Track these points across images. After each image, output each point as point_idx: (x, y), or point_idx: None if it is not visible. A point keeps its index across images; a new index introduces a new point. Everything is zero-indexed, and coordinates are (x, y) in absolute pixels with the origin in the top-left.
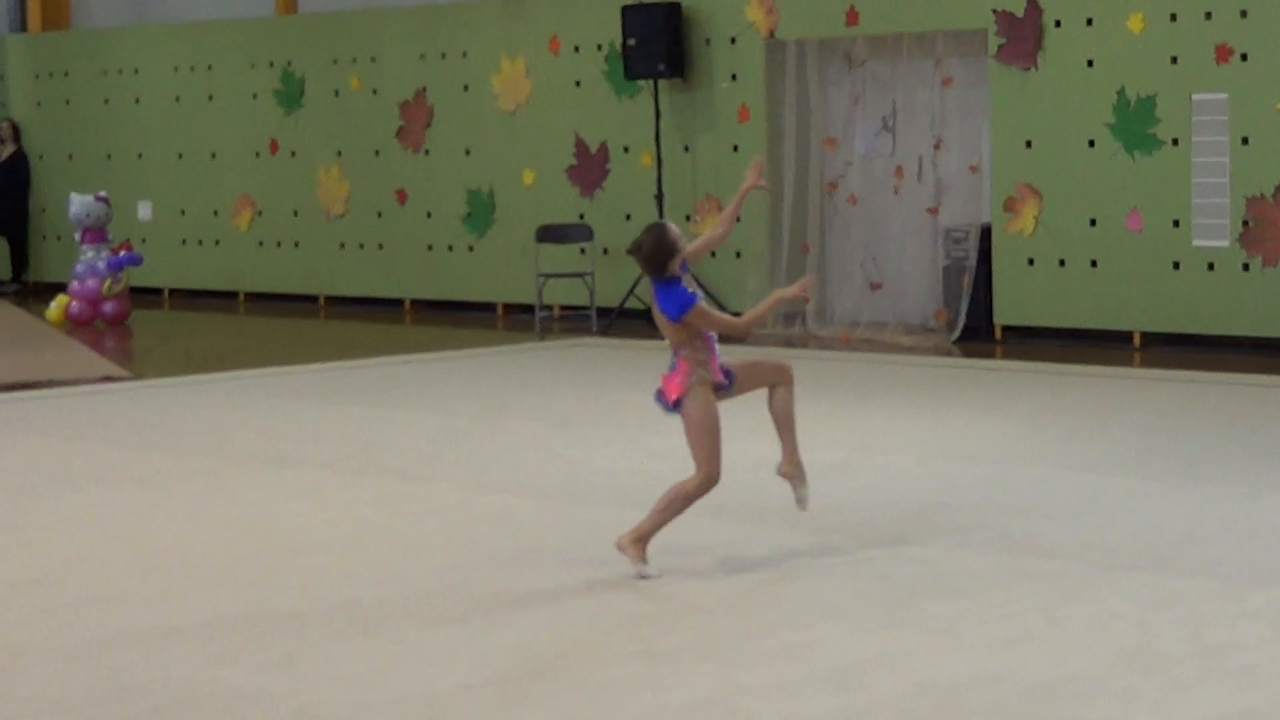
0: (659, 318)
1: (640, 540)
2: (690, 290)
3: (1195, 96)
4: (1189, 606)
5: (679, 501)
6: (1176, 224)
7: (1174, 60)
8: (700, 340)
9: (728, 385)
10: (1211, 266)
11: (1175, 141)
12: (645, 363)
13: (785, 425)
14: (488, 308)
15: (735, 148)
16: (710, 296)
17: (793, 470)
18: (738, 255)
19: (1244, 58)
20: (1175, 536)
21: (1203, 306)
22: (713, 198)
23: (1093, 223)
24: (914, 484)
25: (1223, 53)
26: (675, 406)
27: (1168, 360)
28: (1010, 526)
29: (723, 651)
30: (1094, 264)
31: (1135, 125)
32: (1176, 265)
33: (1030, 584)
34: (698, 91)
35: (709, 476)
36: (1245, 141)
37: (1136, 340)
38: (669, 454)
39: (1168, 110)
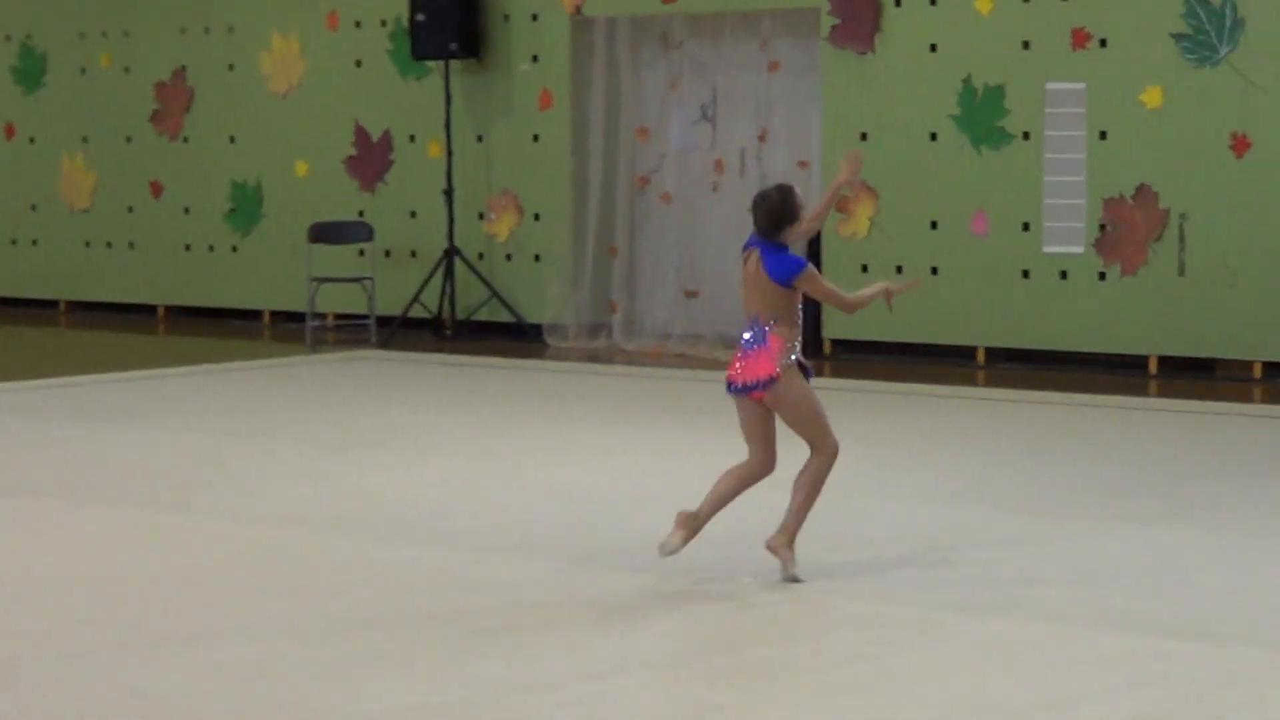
0: (760, 283)
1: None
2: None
3: (1049, 86)
4: (1031, 653)
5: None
6: (1026, 228)
7: (1026, 45)
8: (796, 318)
9: (811, 372)
10: (1064, 275)
11: (1026, 136)
12: (429, 378)
13: (804, 499)
14: (253, 315)
15: (535, 138)
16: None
17: (781, 546)
18: (536, 259)
19: (1103, 43)
20: (1018, 576)
21: (1053, 320)
22: (509, 193)
23: (934, 225)
24: (734, 517)
25: (1080, 38)
26: (765, 385)
27: (1014, 379)
28: (838, 565)
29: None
30: (935, 271)
31: (982, 117)
32: (1026, 274)
33: (857, 629)
34: (494, 74)
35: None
36: (1103, 136)
37: (980, 356)
38: (450, 481)
39: (1018, 101)
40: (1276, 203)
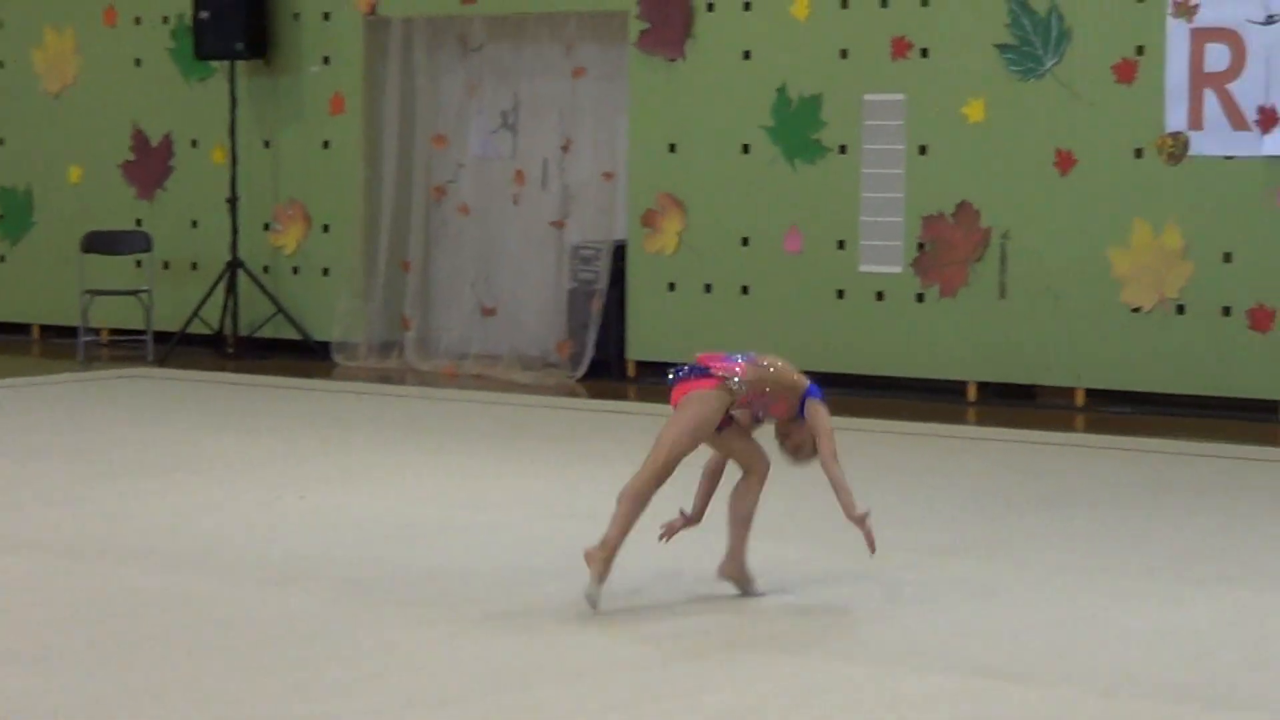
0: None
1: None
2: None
3: (867, 97)
4: (840, 694)
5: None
6: (842, 245)
7: (844, 54)
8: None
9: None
10: (880, 296)
11: (843, 149)
12: (209, 398)
13: (740, 522)
14: (20, 329)
15: (326, 144)
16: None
17: (736, 572)
18: (325, 272)
19: (924, 53)
20: (825, 612)
21: (869, 342)
22: (297, 203)
23: (745, 242)
24: (525, 547)
25: (900, 47)
26: (691, 375)
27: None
28: (631, 599)
29: None
30: (745, 290)
31: (797, 129)
32: (841, 294)
33: (661, 669)
34: (283, 76)
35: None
36: (923, 151)
37: None
38: (227, 508)
39: (835, 112)
40: (1101, 222)
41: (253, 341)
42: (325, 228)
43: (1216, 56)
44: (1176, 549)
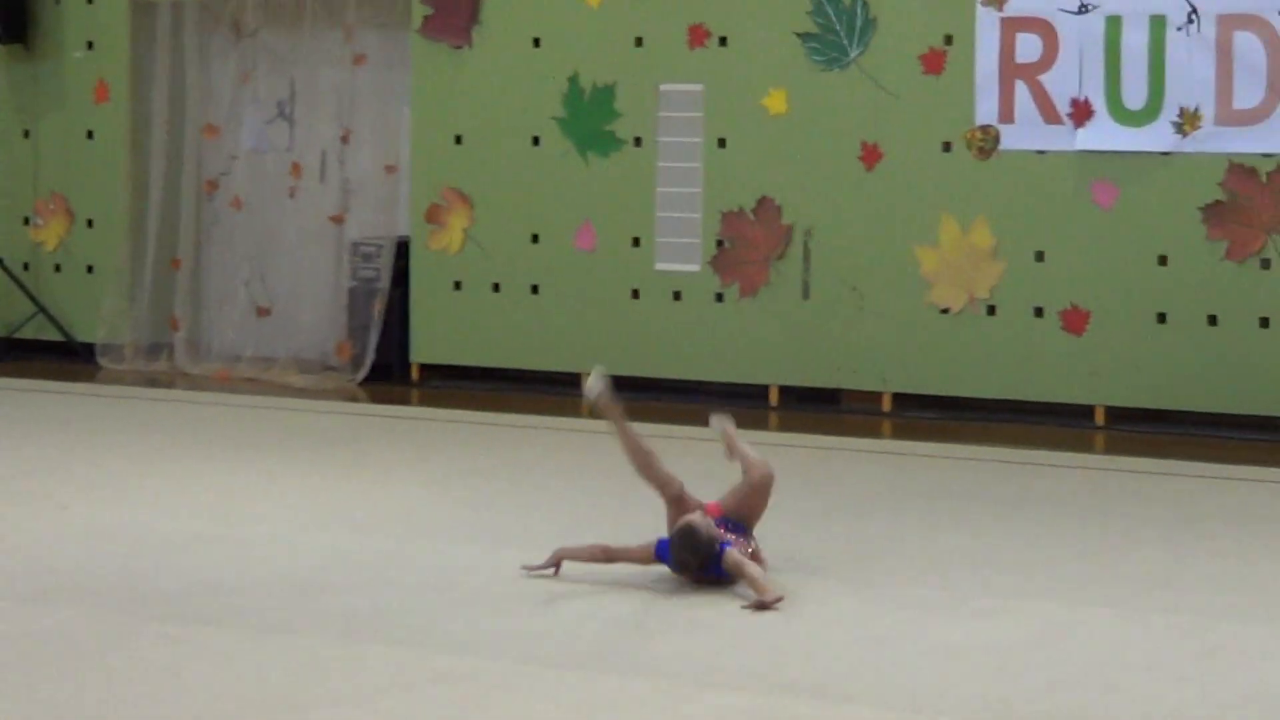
0: None
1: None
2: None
3: (663, 87)
4: (625, 712)
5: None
6: (637, 243)
7: (639, 43)
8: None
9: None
10: (678, 296)
11: (638, 142)
12: (19, 407)
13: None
14: None
15: (90, 134)
16: None
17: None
18: (89, 270)
19: (723, 42)
20: (617, 627)
21: (666, 344)
22: (59, 196)
23: (535, 239)
24: (296, 560)
25: (698, 35)
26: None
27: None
28: (412, 614)
29: None
30: (535, 290)
31: (590, 120)
32: (636, 293)
33: (436, 686)
34: (43, 62)
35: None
36: (722, 144)
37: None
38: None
39: (630, 103)
40: (908, 219)
41: (12, 343)
42: (89, 223)
43: (1028, 47)
44: (984, 560)
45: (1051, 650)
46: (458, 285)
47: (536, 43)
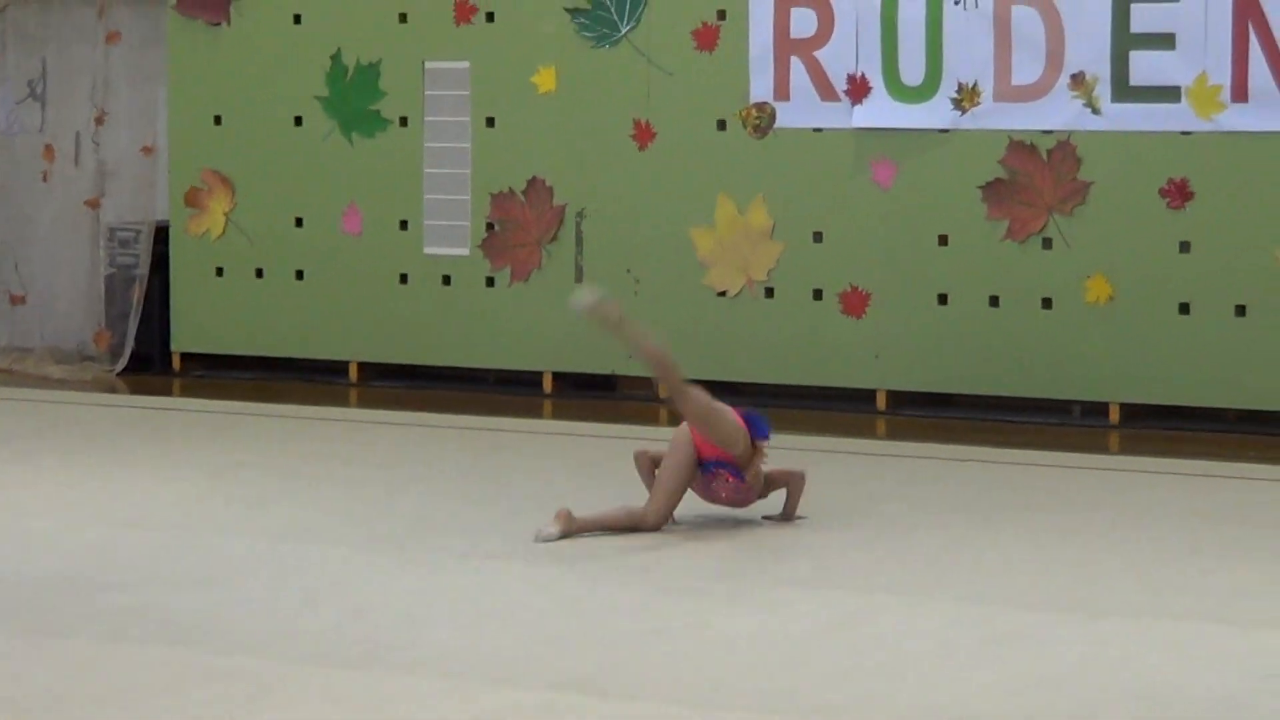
0: None
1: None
2: None
3: (429, 65)
4: (405, 710)
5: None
6: (405, 226)
7: (403, 19)
8: None
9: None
10: (447, 280)
11: (404, 121)
12: None
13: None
14: None
15: None
16: None
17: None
18: None
19: (490, 18)
20: (394, 623)
21: (436, 330)
22: None
23: (299, 223)
24: (59, 557)
25: (464, 11)
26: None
27: (392, 398)
28: (182, 611)
29: None
30: (300, 275)
31: (354, 100)
32: (404, 278)
33: (208, 686)
34: None
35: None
36: (491, 123)
37: (353, 372)
38: None
39: (395, 81)
40: (683, 199)
41: None
42: None
43: (803, 22)
44: (772, 549)
45: (839, 639)
46: (219, 271)
47: (297, 19)
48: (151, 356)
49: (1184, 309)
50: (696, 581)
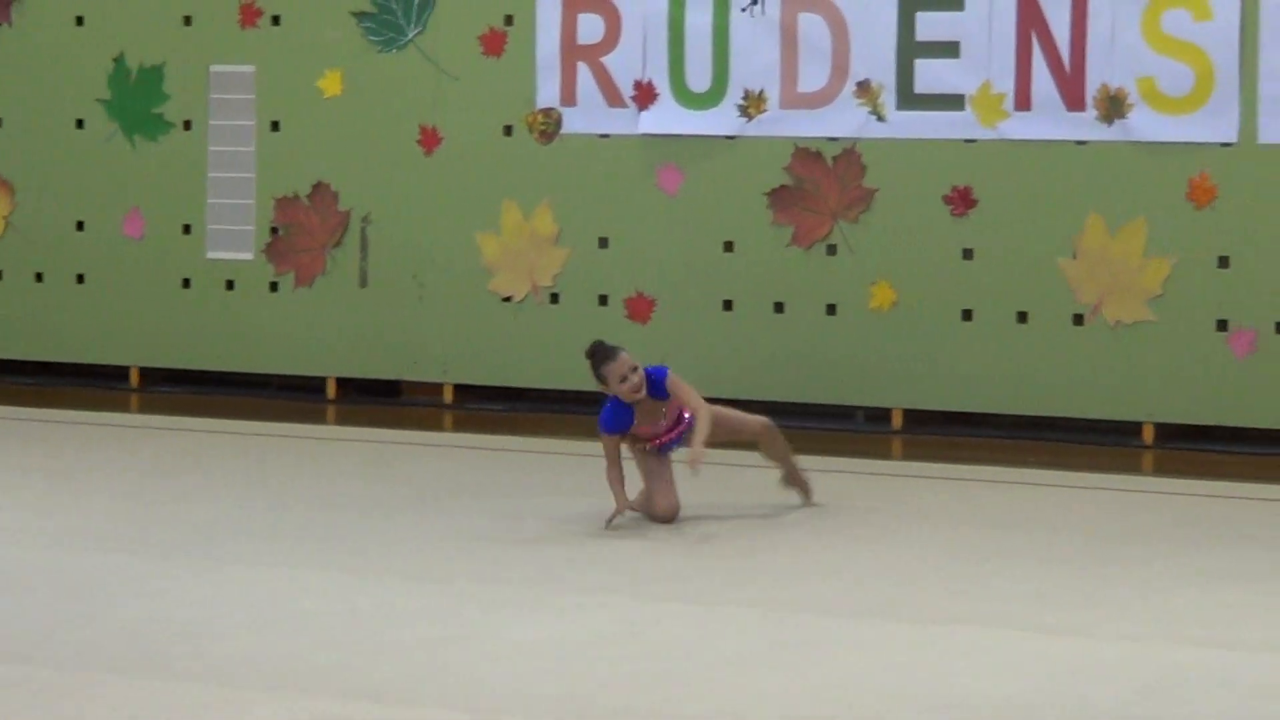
0: None
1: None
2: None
3: (214, 68)
4: (188, 718)
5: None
6: (188, 230)
7: (188, 21)
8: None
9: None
10: (231, 285)
11: (188, 125)
12: None
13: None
14: None
15: None
16: None
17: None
18: None
19: (275, 21)
20: (178, 630)
21: (219, 335)
22: None
23: (80, 226)
24: None
25: (249, 14)
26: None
27: (174, 403)
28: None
29: None
30: (81, 279)
31: (137, 103)
32: (187, 282)
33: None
34: None
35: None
36: (275, 127)
37: (135, 378)
38: None
39: (179, 85)
40: (469, 205)
41: None
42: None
43: (590, 28)
44: (566, 558)
45: (631, 646)
46: None
47: (80, 21)
48: None
49: (966, 315)
50: (490, 589)
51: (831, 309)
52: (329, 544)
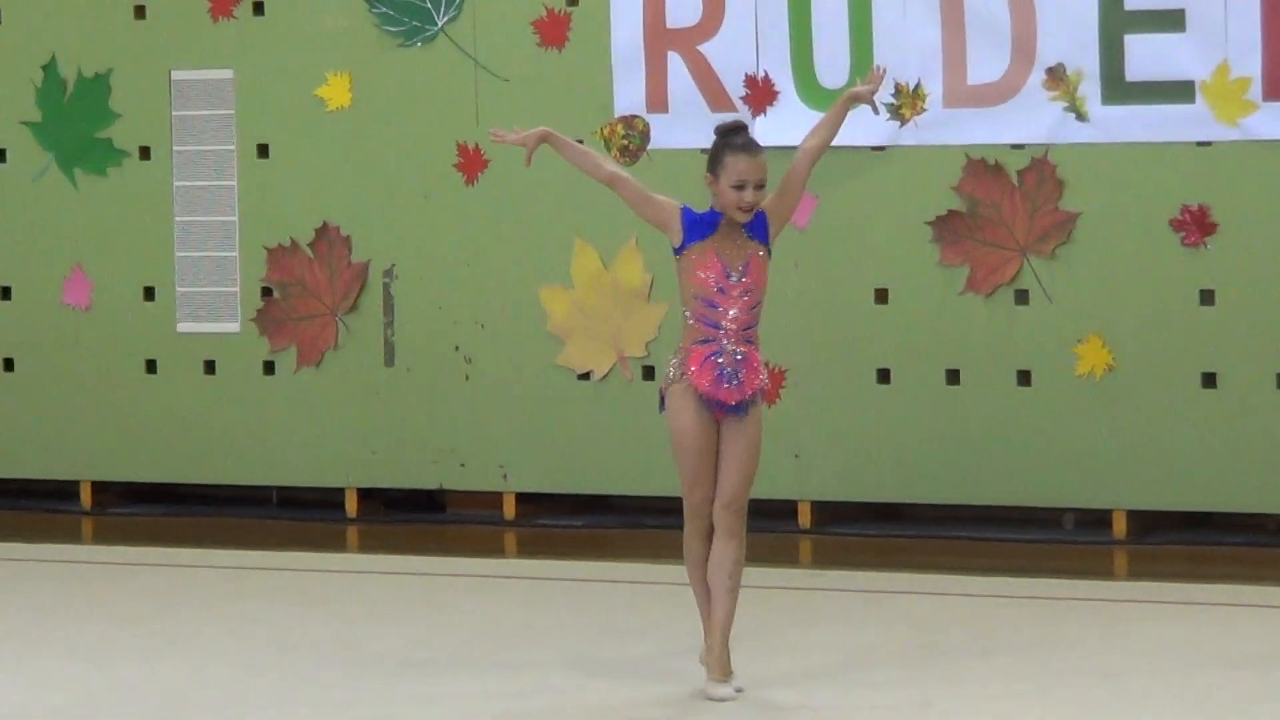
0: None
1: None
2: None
3: (177, 75)
4: None
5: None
6: (150, 295)
7: (140, 13)
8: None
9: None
10: (211, 367)
11: (145, 153)
12: None
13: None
14: None
15: None
16: None
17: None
18: None
19: (258, 9)
20: None
21: (200, 435)
22: None
23: (7, 294)
24: None
25: (223, 2)
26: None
27: (139, 529)
28: None
29: None
30: (10, 365)
31: (76, 124)
32: (152, 365)
33: None
34: None
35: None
36: (264, 152)
37: (86, 496)
38: None
39: (132, 99)
40: (525, 249)
41: None
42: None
43: (683, 7)
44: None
45: None
46: None
47: None
48: None
49: (1209, 381)
50: None
51: (1024, 377)
52: (349, 718)
